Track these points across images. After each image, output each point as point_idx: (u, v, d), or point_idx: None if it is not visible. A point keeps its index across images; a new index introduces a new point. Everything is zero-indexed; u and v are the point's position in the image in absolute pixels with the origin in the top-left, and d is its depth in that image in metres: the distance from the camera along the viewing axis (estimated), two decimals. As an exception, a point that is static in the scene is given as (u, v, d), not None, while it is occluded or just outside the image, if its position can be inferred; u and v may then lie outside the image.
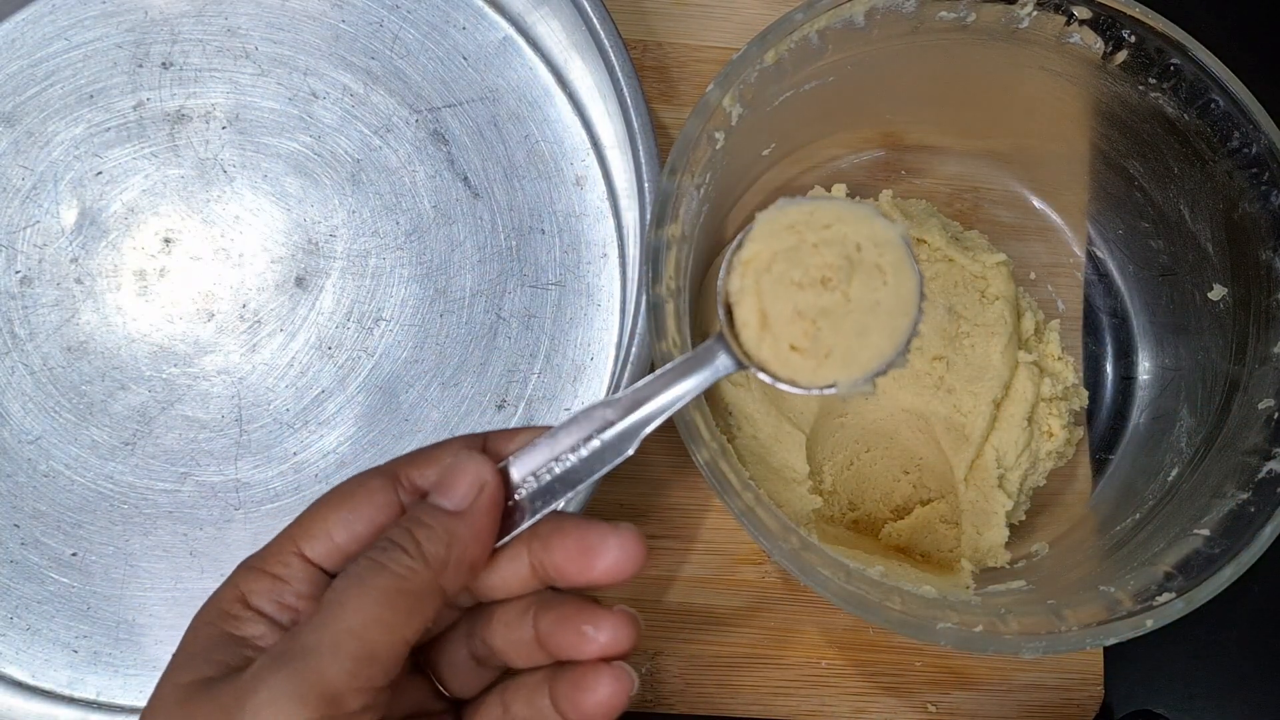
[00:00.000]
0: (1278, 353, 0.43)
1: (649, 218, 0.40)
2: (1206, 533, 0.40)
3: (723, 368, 0.31)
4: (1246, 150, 0.43)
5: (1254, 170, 0.43)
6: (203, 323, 0.49)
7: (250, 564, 0.30)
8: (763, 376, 0.31)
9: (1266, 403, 0.42)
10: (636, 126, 0.46)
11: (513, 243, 0.50)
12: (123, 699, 0.46)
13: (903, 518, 0.47)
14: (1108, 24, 0.43)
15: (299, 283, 0.50)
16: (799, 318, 0.30)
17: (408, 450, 0.48)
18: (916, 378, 0.47)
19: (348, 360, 0.49)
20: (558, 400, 0.49)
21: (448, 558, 0.28)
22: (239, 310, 0.49)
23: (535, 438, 0.30)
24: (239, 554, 0.47)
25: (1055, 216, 0.53)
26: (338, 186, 0.50)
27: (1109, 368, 0.52)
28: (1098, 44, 0.44)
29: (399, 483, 0.31)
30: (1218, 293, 0.46)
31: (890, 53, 0.45)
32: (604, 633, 0.30)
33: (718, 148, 0.42)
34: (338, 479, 0.47)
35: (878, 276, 0.31)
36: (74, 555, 0.47)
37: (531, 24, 0.52)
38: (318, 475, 0.48)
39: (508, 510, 0.30)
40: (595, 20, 0.47)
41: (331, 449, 0.48)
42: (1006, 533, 0.46)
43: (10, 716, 0.45)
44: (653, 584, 0.48)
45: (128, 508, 0.47)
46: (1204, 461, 0.44)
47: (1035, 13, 0.43)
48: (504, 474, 0.30)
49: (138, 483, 0.48)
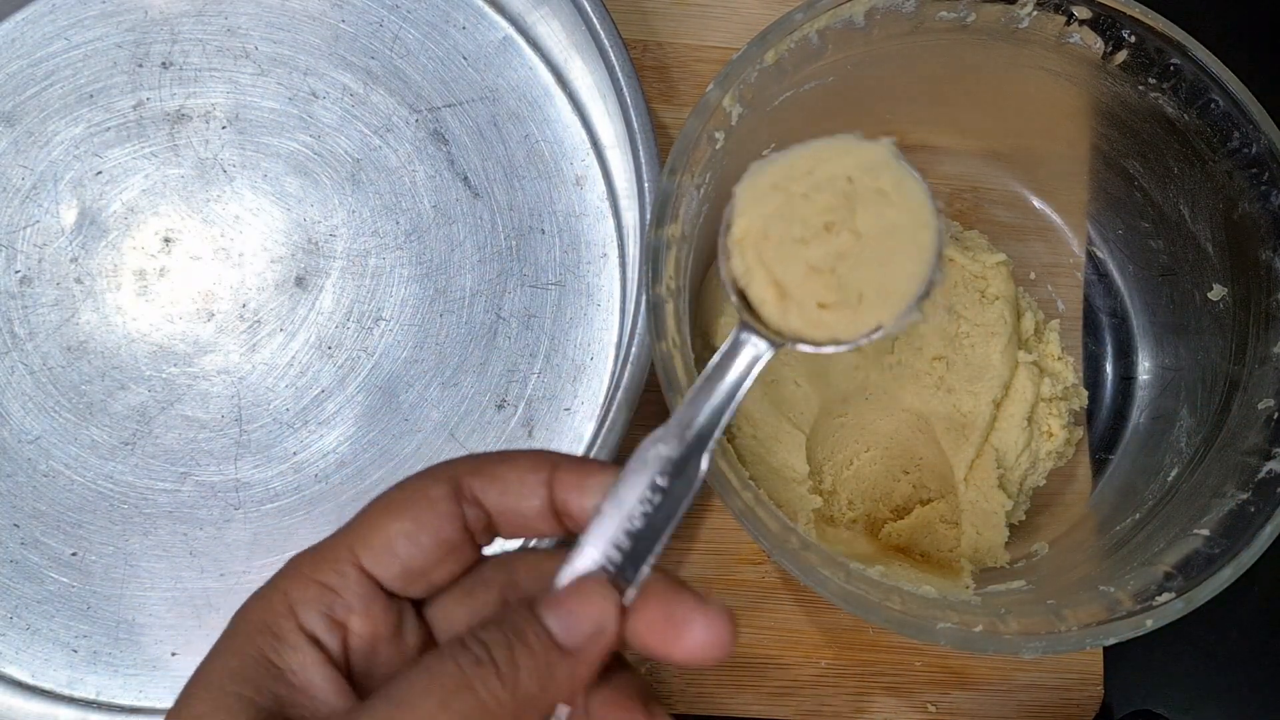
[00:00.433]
0: (1277, 353, 0.43)
1: (649, 218, 0.40)
2: (1206, 533, 0.40)
3: (757, 354, 0.28)
4: (1246, 150, 0.43)
5: (1254, 170, 0.43)
6: (202, 322, 0.49)
7: (301, 569, 0.27)
8: (803, 348, 0.28)
9: (1266, 403, 0.42)
10: (636, 126, 0.46)
11: (513, 243, 0.50)
12: (122, 699, 0.46)
13: (902, 518, 0.47)
14: (1108, 24, 0.43)
15: (299, 282, 0.50)
16: (815, 273, 0.28)
17: (408, 450, 0.48)
18: (916, 378, 0.47)
19: (347, 360, 0.49)
20: (558, 400, 0.49)
21: (537, 696, 0.25)
22: (239, 310, 0.49)
23: (607, 482, 0.27)
24: (239, 554, 0.47)
25: (1055, 216, 0.53)
26: (337, 186, 0.50)
27: (1109, 368, 0.52)
28: (1098, 44, 0.44)
29: (461, 494, 0.28)
30: (1217, 293, 0.46)
31: (890, 53, 0.45)
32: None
33: (718, 148, 0.42)
34: (338, 479, 0.48)
35: (881, 200, 0.28)
36: (74, 555, 0.47)
37: (531, 24, 0.52)
38: (317, 475, 0.48)
39: None
40: (595, 20, 0.47)
41: (331, 449, 0.48)
42: (1006, 533, 0.46)
43: (10, 716, 0.45)
44: (652, 584, 0.48)
45: (128, 507, 0.47)
46: (1204, 461, 0.44)
47: (1035, 13, 0.43)
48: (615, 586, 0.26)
49: (138, 482, 0.47)
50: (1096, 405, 0.51)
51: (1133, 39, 0.43)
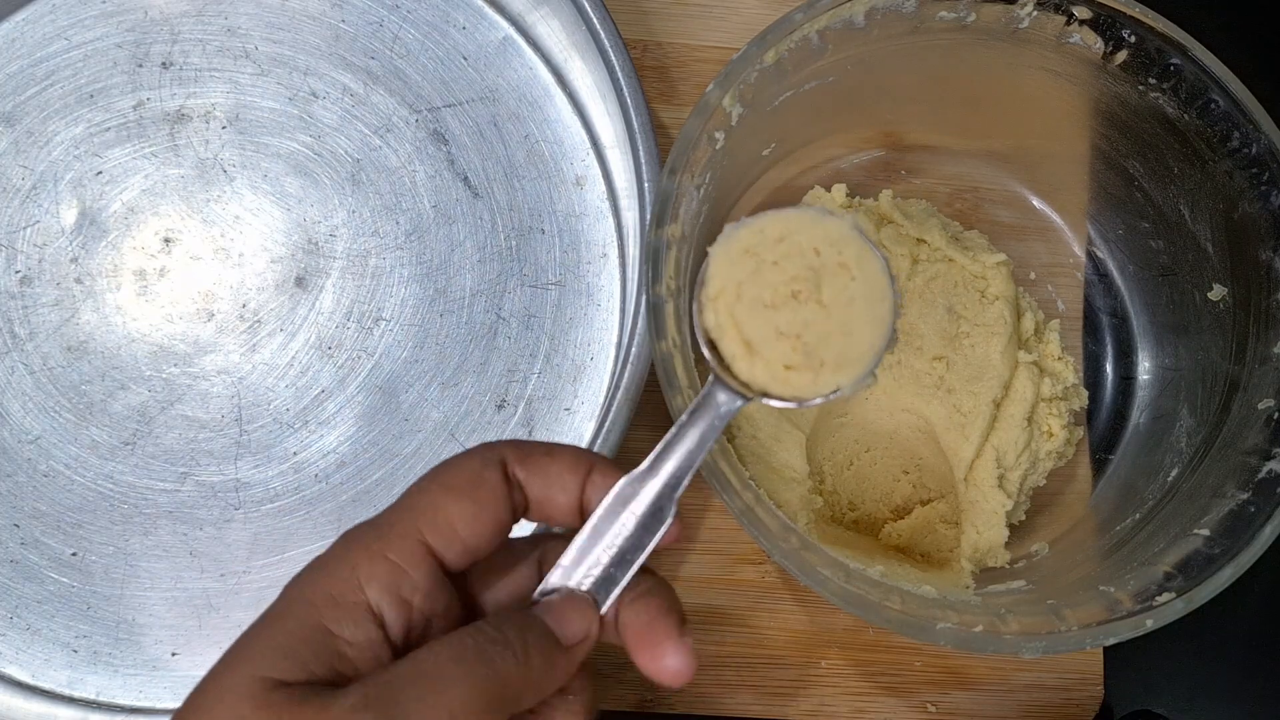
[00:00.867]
0: (1277, 353, 0.43)
1: (649, 218, 0.40)
2: (1206, 533, 0.40)
3: (727, 406, 0.31)
4: (1246, 150, 0.43)
5: (1254, 170, 0.43)
6: (202, 322, 0.49)
7: (367, 544, 0.29)
8: (769, 402, 0.31)
9: (1266, 403, 0.42)
10: (636, 126, 0.46)
11: (513, 243, 0.50)
12: (122, 699, 0.46)
13: (902, 518, 0.47)
14: (1108, 24, 0.43)
15: (299, 283, 0.50)
16: (782, 337, 0.31)
17: (408, 450, 0.48)
18: (916, 378, 0.47)
19: (348, 360, 0.49)
20: (558, 400, 0.49)
21: (542, 678, 0.29)
22: (239, 310, 0.49)
23: (616, 476, 0.31)
24: (239, 554, 0.47)
25: (1055, 216, 0.53)
26: (338, 186, 0.50)
27: (1109, 368, 0.52)
28: (1098, 44, 0.44)
29: (509, 478, 0.30)
30: (1218, 293, 0.46)
31: (890, 53, 0.45)
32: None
33: (718, 148, 0.42)
34: (338, 479, 0.48)
35: (844, 274, 0.31)
36: (74, 555, 0.47)
37: (531, 24, 0.52)
38: (318, 475, 0.48)
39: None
40: (595, 20, 0.47)
41: (331, 449, 0.48)
42: (1006, 533, 0.46)
43: (10, 716, 0.45)
44: (653, 584, 0.48)
45: (128, 507, 0.47)
46: (1204, 461, 0.44)
47: (1035, 13, 0.43)
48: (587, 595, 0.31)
49: (138, 482, 0.47)
50: (1096, 405, 0.51)
51: (1133, 39, 0.43)
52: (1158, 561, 0.41)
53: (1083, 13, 0.43)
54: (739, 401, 0.31)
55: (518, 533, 0.32)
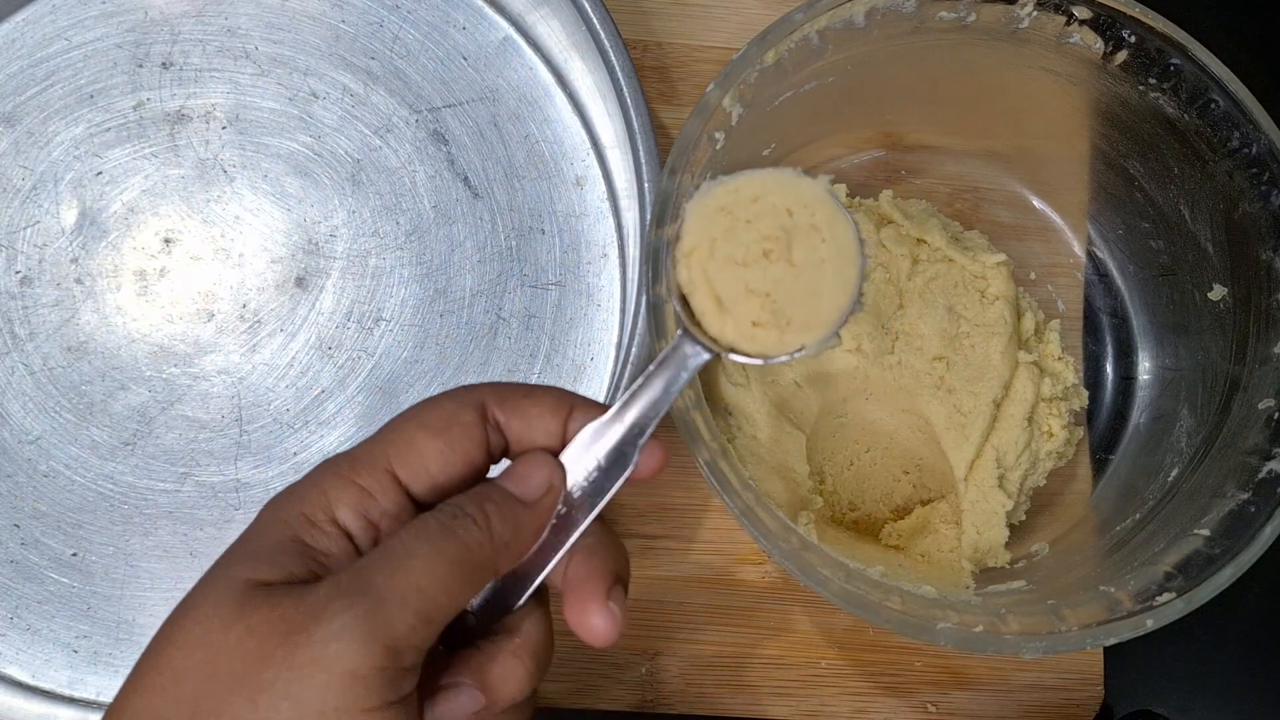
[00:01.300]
0: (1278, 353, 0.43)
1: (649, 218, 0.40)
2: (1207, 533, 0.40)
3: (694, 357, 0.32)
4: (1246, 150, 0.43)
5: (1254, 170, 0.43)
6: (203, 323, 0.49)
7: (339, 470, 0.30)
8: (735, 358, 0.32)
9: (1266, 403, 0.42)
10: (636, 126, 0.46)
11: (513, 243, 0.50)
12: (123, 699, 0.46)
13: (903, 518, 0.47)
14: (1108, 24, 0.43)
15: (299, 283, 0.50)
16: (752, 295, 0.31)
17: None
18: (917, 378, 0.47)
19: (348, 360, 0.49)
20: (558, 400, 0.49)
21: (509, 541, 0.30)
22: (239, 310, 0.49)
23: (597, 416, 0.32)
24: (239, 554, 0.47)
25: (1055, 217, 0.53)
26: (338, 187, 0.50)
27: (1109, 368, 0.52)
28: (1098, 44, 0.44)
29: (487, 419, 0.31)
30: (1218, 293, 0.46)
31: (890, 53, 0.45)
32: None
33: (718, 148, 0.42)
34: (338, 479, 0.48)
35: (815, 235, 0.31)
36: (74, 555, 0.47)
37: (531, 24, 0.52)
38: (318, 475, 0.48)
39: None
40: (595, 20, 0.47)
41: (332, 449, 0.48)
42: (1006, 533, 0.46)
43: (10, 716, 0.45)
44: (652, 584, 0.48)
45: (128, 508, 0.47)
46: (1204, 461, 0.44)
47: (1035, 13, 0.43)
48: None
49: (138, 483, 0.48)
50: (1097, 405, 0.51)
51: (1133, 39, 0.43)
52: (1158, 561, 0.41)
53: (1083, 13, 0.43)
54: (706, 355, 0.32)
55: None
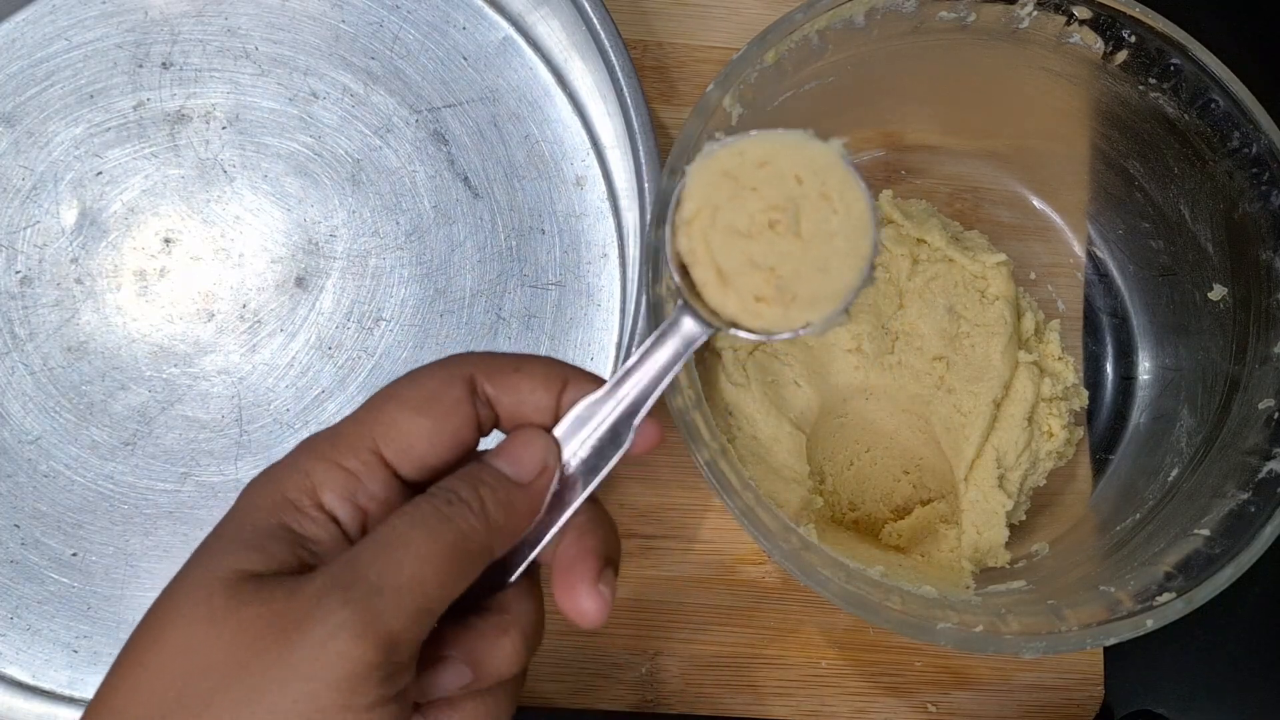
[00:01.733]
0: (1278, 353, 0.43)
1: (649, 217, 0.40)
2: (1207, 533, 0.40)
3: (694, 333, 0.30)
4: (1247, 150, 0.43)
5: (1254, 170, 0.43)
6: (203, 323, 0.49)
7: (322, 452, 0.28)
8: (737, 333, 0.30)
9: (1267, 403, 0.42)
10: (637, 126, 0.46)
11: (513, 243, 0.50)
12: (123, 699, 0.46)
13: (903, 518, 0.47)
14: (1108, 24, 0.43)
15: (299, 283, 0.50)
16: (756, 269, 0.29)
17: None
18: (917, 378, 0.47)
19: (348, 360, 0.49)
20: (558, 400, 0.49)
21: (504, 524, 0.29)
22: (239, 310, 0.49)
23: (592, 390, 0.30)
24: (239, 554, 0.47)
25: (1055, 217, 0.53)
26: (338, 187, 0.50)
27: (1109, 368, 0.52)
28: (1098, 44, 0.44)
29: (476, 393, 0.30)
30: (1218, 293, 0.46)
31: (890, 53, 0.45)
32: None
33: (718, 148, 0.41)
34: (338, 479, 0.48)
35: (826, 206, 0.29)
36: (74, 555, 0.47)
37: (531, 24, 0.52)
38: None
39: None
40: (595, 20, 0.47)
41: (332, 449, 0.48)
42: (1006, 533, 0.46)
43: (10, 716, 0.45)
44: (653, 584, 0.48)
45: (128, 508, 0.47)
46: (1204, 461, 0.44)
47: (1035, 13, 0.43)
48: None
49: (138, 483, 0.48)
50: (1097, 405, 0.51)
51: (1133, 39, 0.43)
52: (1158, 561, 0.41)
53: (1083, 13, 0.43)
54: (706, 330, 0.30)
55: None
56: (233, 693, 0.25)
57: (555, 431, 0.30)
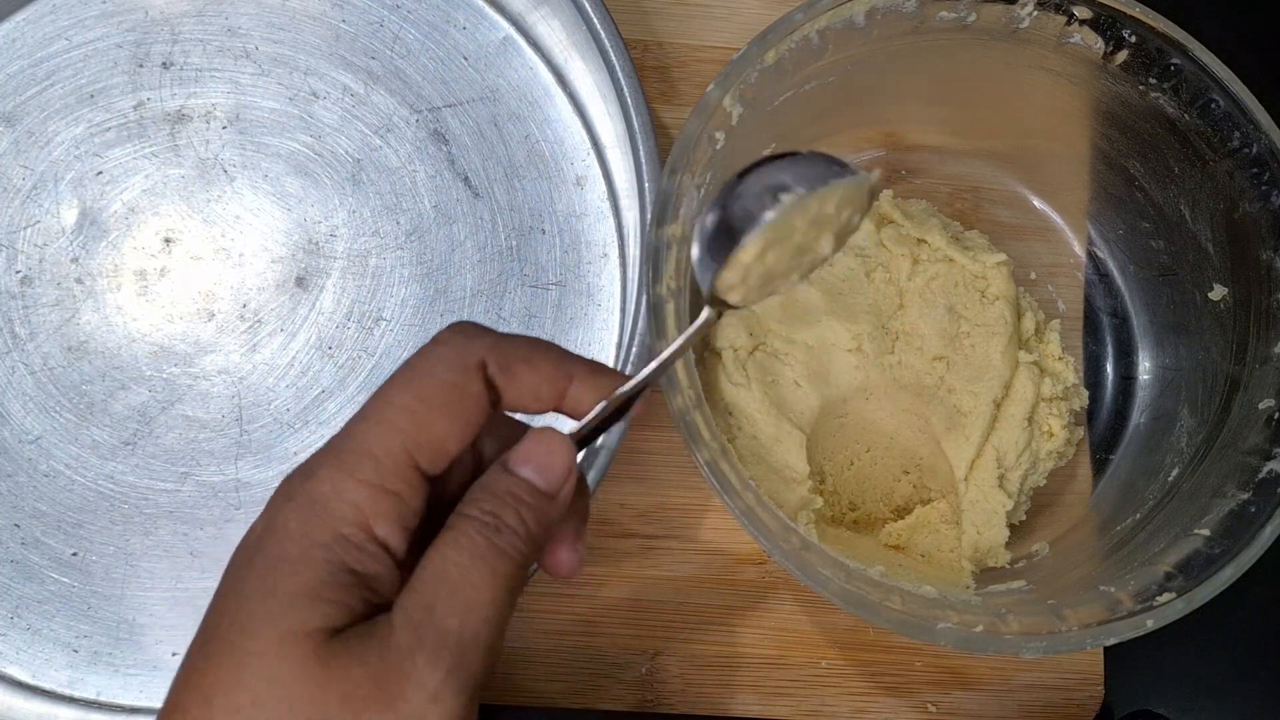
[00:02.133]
0: (1278, 353, 0.43)
1: (649, 217, 0.40)
2: (1207, 533, 0.40)
3: (709, 318, 0.33)
4: (1247, 150, 0.43)
5: (1254, 170, 0.43)
6: (203, 322, 0.49)
7: (364, 476, 0.27)
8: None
9: (1267, 403, 0.42)
10: (637, 126, 0.46)
11: (513, 243, 0.50)
12: (123, 699, 0.46)
13: (903, 518, 0.47)
14: (1108, 24, 0.43)
15: (299, 283, 0.50)
16: (772, 278, 0.32)
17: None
18: (917, 378, 0.47)
19: (348, 360, 0.49)
20: (558, 400, 0.49)
21: (542, 537, 0.29)
22: (239, 310, 0.49)
23: (614, 386, 0.31)
24: (239, 554, 0.47)
25: (1056, 216, 0.53)
26: (338, 186, 0.50)
27: (1109, 368, 0.52)
28: (1098, 44, 0.44)
29: (486, 380, 0.30)
30: (1218, 293, 0.46)
31: (891, 53, 0.45)
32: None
33: (718, 148, 0.42)
34: (338, 479, 0.48)
35: (846, 232, 0.33)
36: (74, 555, 0.47)
37: (532, 24, 0.52)
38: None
39: None
40: (596, 20, 0.47)
41: (332, 449, 0.48)
42: (1007, 533, 0.46)
43: (10, 716, 0.45)
44: (653, 584, 0.48)
45: (128, 507, 0.47)
46: (1204, 461, 0.44)
47: (1036, 13, 0.43)
48: None
49: (138, 482, 0.47)
50: (1097, 405, 0.51)
51: (1133, 39, 0.43)
52: (1158, 561, 0.41)
53: (1083, 13, 0.43)
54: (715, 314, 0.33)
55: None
56: None
57: (577, 426, 0.31)
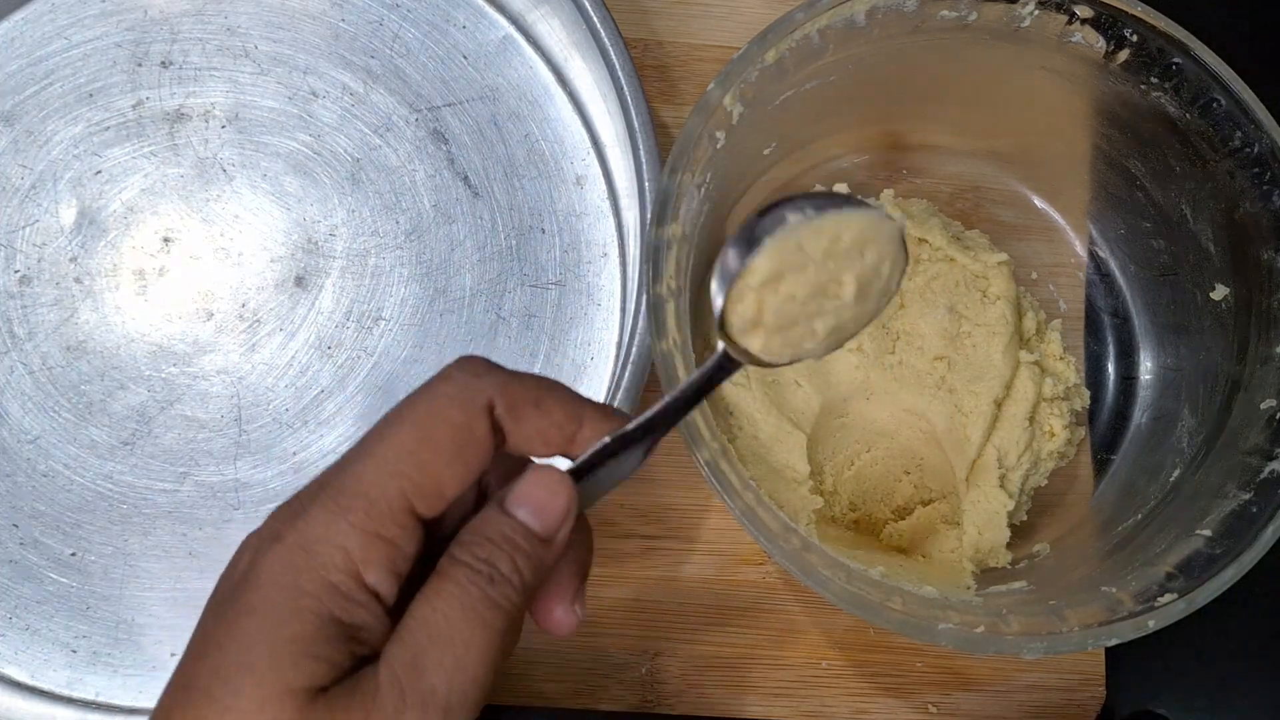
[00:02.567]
0: (1279, 352, 0.42)
1: (649, 217, 0.40)
2: (1208, 533, 0.40)
3: (726, 372, 0.32)
4: (1248, 150, 0.43)
5: (1256, 170, 0.43)
6: (202, 322, 0.49)
7: (354, 520, 0.26)
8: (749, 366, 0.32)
9: (1268, 403, 0.42)
10: (637, 125, 0.46)
11: (513, 242, 0.50)
12: (122, 699, 0.45)
13: (904, 518, 0.47)
14: (1109, 23, 0.43)
15: (298, 282, 0.49)
16: (794, 325, 0.31)
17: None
18: (918, 377, 0.46)
19: (347, 360, 0.49)
20: (558, 400, 0.49)
21: (535, 585, 0.28)
22: (238, 310, 0.49)
23: (612, 429, 0.30)
24: (238, 554, 0.47)
25: (1057, 216, 0.53)
26: (337, 185, 0.50)
27: (1110, 367, 0.52)
28: (1099, 43, 0.44)
29: (492, 422, 0.28)
30: (1219, 292, 0.46)
31: (891, 52, 0.45)
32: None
33: (719, 147, 0.41)
34: (337, 479, 0.48)
35: (877, 280, 0.31)
36: (73, 555, 0.47)
37: (531, 23, 0.52)
38: (317, 476, 0.48)
39: None
40: (595, 19, 0.47)
41: (331, 449, 0.48)
42: (1008, 533, 0.45)
43: (9, 717, 0.45)
44: (653, 585, 0.48)
45: (127, 508, 0.47)
46: (1205, 462, 0.44)
47: (1037, 12, 0.43)
48: None
49: (137, 482, 0.47)
50: (1098, 405, 0.51)
51: (1134, 38, 0.43)
52: (1159, 562, 0.40)
53: (1084, 11, 0.43)
54: (735, 369, 0.32)
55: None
56: None
57: (575, 464, 0.30)
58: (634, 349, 0.44)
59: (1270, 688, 0.51)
